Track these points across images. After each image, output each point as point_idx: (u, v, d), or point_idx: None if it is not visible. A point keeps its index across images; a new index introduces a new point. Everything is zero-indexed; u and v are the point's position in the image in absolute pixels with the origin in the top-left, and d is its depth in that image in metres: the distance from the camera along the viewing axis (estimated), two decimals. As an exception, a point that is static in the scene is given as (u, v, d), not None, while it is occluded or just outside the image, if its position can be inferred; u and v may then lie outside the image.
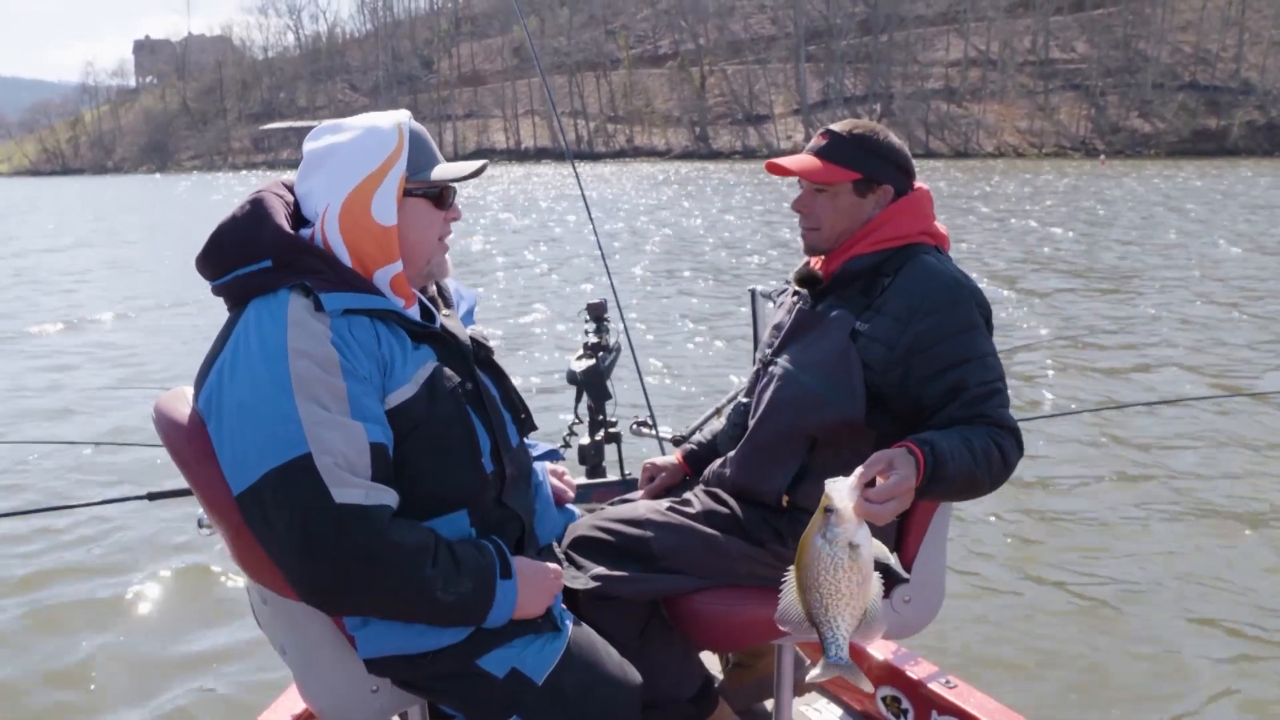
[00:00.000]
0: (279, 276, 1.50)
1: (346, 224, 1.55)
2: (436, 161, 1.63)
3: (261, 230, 1.53)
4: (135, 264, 17.84)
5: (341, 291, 1.51)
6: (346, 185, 1.54)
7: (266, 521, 1.41)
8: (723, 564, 1.93)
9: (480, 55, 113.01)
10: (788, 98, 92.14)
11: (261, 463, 1.40)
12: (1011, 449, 1.70)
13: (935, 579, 1.93)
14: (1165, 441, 6.02)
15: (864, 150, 1.91)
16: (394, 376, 1.52)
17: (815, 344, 1.90)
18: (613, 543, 1.93)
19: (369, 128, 1.58)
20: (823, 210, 1.93)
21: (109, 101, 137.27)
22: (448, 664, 1.56)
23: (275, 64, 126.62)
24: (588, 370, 3.03)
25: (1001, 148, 77.53)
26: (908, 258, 1.88)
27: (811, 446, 1.88)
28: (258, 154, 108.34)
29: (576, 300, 11.26)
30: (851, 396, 1.82)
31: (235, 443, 1.43)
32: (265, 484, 1.39)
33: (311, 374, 1.43)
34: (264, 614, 1.65)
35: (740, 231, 20.65)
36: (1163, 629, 3.77)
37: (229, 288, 1.54)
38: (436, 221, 1.64)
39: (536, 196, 34.34)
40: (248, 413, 1.42)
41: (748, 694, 2.30)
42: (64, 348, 10.06)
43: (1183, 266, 13.81)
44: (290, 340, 1.44)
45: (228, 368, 1.46)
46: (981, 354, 1.77)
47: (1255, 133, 72.11)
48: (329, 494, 1.39)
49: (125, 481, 5.67)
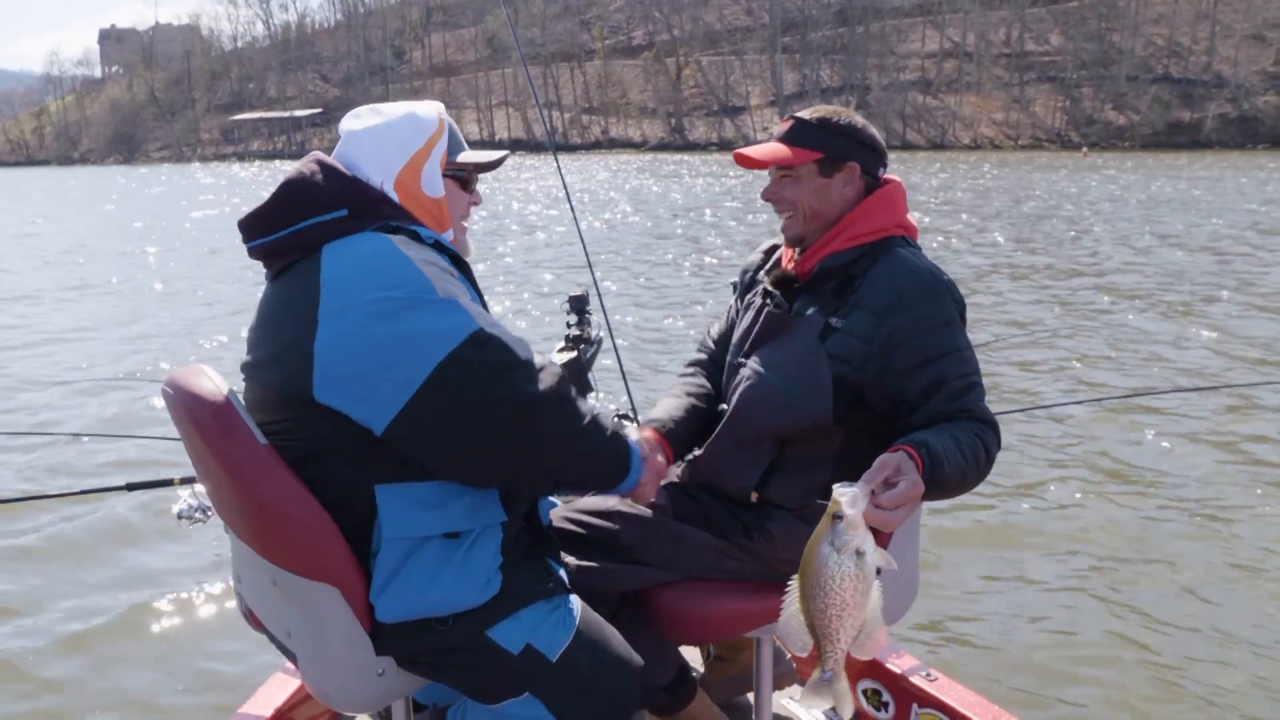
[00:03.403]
0: (358, 224, 1.54)
1: (402, 196, 1.63)
2: (464, 149, 1.75)
3: (337, 182, 1.58)
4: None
5: (427, 228, 1.62)
6: (399, 160, 1.63)
7: (462, 400, 1.45)
8: (690, 557, 1.96)
9: (452, 46, 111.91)
10: (764, 89, 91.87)
11: (438, 350, 1.44)
12: (993, 443, 1.72)
13: (909, 570, 1.95)
14: (1142, 435, 5.97)
15: (825, 131, 1.91)
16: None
17: (784, 346, 1.92)
18: (583, 534, 1.97)
19: (410, 112, 1.68)
20: (791, 195, 1.94)
21: (74, 92, 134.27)
22: (461, 632, 1.56)
23: (244, 54, 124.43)
24: (569, 362, 3.00)
25: (978, 140, 77.80)
26: (882, 252, 1.88)
27: (781, 444, 1.91)
28: (227, 145, 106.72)
29: (557, 293, 11.20)
30: (818, 398, 1.84)
31: (393, 349, 1.44)
32: (449, 364, 1.44)
33: (442, 275, 1.51)
34: (270, 597, 1.64)
35: (719, 223, 20.62)
36: (1143, 620, 3.77)
37: (295, 237, 1.54)
38: (462, 202, 1.74)
39: (513, 188, 34.35)
40: (400, 318, 1.44)
41: (728, 687, 2.34)
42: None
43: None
44: (410, 254, 1.49)
45: (347, 296, 1.46)
46: (959, 348, 1.78)
47: (1228, 125, 72.74)
48: (515, 352, 1.50)
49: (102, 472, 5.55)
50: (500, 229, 20.17)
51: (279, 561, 1.53)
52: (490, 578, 1.58)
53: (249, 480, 1.48)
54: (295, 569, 1.52)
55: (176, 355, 8.89)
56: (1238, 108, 73.59)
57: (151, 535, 4.81)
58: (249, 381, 1.60)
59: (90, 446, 6.05)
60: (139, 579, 4.38)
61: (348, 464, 1.52)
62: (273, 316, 1.56)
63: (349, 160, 1.63)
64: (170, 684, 3.53)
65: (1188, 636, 3.65)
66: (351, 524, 1.54)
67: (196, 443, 1.54)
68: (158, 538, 4.78)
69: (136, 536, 4.82)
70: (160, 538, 4.77)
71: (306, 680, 1.63)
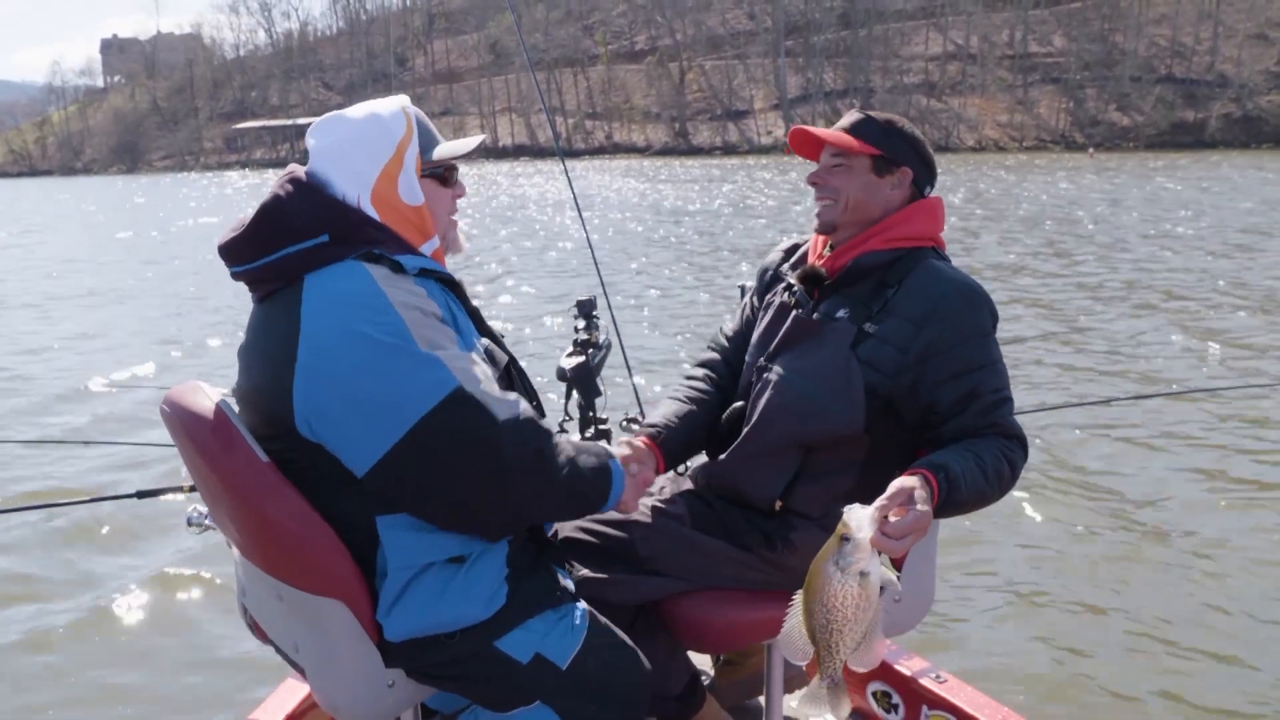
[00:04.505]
0: (338, 250, 1.49)
1: (382, 210, 1.56)
2: (438, 142, 1.68)
3: (314, 206, 1.51)
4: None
5: (411, 254, 1.57)
6: (372, 171, 1.56)
7: (436, 460, 1.43)
8: (708, 567, 1.92)
9: (455, 52, 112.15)
10: (767, 93, 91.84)
11: (416, 408, 1.41)
12: (1019, 459, 1.72)
13: (926, 578, 1.93)
14: (1159, 436, 5.88)
15: (889, 132, 1.90)
16: (461, 343, 1.55)
17: (814, 352, 1.87)
18: (598, 545, 1.92)
19: (372, 114, 1.59)
20: (839, 182, 1.91)
21: (76, 102, 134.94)
22: (470, 645, 1.55)
23: (247, 62, 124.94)
24: (577, 367, 2.98)
25: (983, 142, 77.71)
26: (916, 262, 1.85)
27: (806, 452, 1.87)
28: (230, 154, 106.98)
29: (565, 297, 11.21)
30: (850, 407, 1.80)
31: (371, 402, 1.41)
32: (427, 425, 1.41)
33: (423, 320, 1.46)
34: (276, 612, 1.62)
35: (726, 226, 20.58)
36: (1152, 624, 3.74)
37: (276, 266, 1.50)
38: (446, 199, 1.68)
39: (518, 193, 34.61)
40: (379, 370, 1.41)
41: (737, 691, 2.32)
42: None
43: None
44: (390, 296, 1.45)
45: (326, 340, 1.43)
46: (993, 361, 1.77)
47: (1232, 125, 72.59)
48: (492, 414, 1.45)
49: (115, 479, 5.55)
50: (507, 234, 20.21)
51: (284, 577, 1.52)
52: (496, 591, 1.57)
53: (251, 497, 1.47)
54: (300, 584, 1.51)
55: (177, 359, 8.87)
56: (1241, 107, 73.43)
57: (159, 540, 4.82)
58: (241, 404, 1.57)
59: (100, 453, 6.04)
60: (148, 584, 4.37)
61: (346, 492, 1.50)
62: (258, 344, 1.53)
63: (321, 178, 1.56)
64: (181, 689, 3.53)
65: (1199, 641, 3.61)
66: (355, 545, 1.53)
67: (197, 461, 1.52)
68: (165, 542, 4.79)
69: (145, 542, 4.83)
70: (168, 543, 4.77)
71: (316, 694, 1.61)
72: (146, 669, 3.69)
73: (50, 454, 6.17)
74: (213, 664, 3.69)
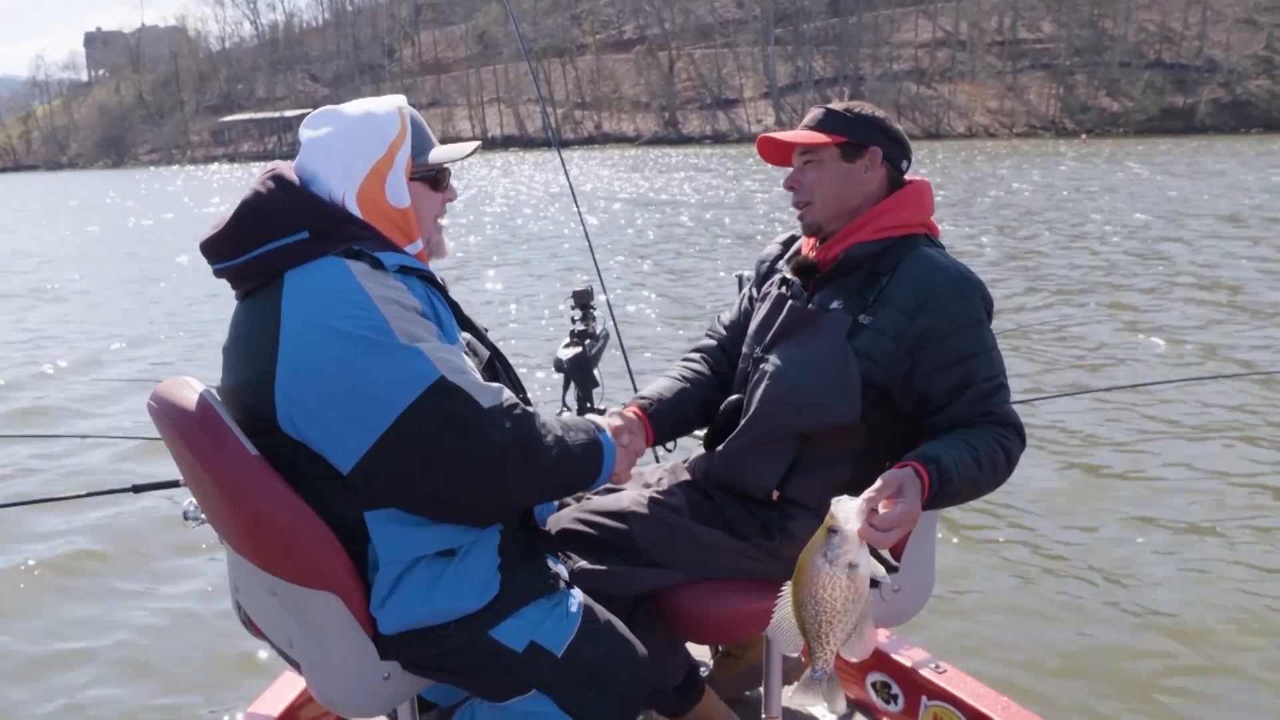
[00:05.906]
0: (319, 246, 1.49)
1: (366, 209, 1.57)
2: (433, 145, 1.67)
3: (295, 202, 1.52)
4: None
5: (393, 251, 1.57)
6: (361, 169, 1.56)
7: (422, 451, 1.43)
8: (707, 558, 1.92)
9: (443, 43, 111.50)
10: (757, 81, 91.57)
11: (400, 400, 1.41)
12: (1015, 447, 1.72)
13: (924, 568, 1.93)
14: (1158, 426, 5.85)
15: (849, 116, 1.92)
16: (443, 337, 1.55)
17: (809, 342, 1.88)
18: (596, 536, 1.92)
19: (368, 112, 1.59)
20: (811, 180, 1.93)
21: (61, 96, 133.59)
22: (465, 635, 1.55)
23: (232, 55, 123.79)
24: (575, 358, 2.99)
25: (973, 128, 77.61)
26: (908, 249, 1.86)
27: (802, 442, 1.88)
28: (217, 147, 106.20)
29: (562, 288, 11.29)
30: (847, 398, 1.81)
31: (354, 396, 1.41)
32: (411, 416, 1.41)
33: (403, 314, 1.46)
34: (269, 607, 1.62)
35: (720, 216, 20.50)
36: (1153, 615, 3.74)
37: (256, 263, 1.50)
38: (435, 202, 1.67)
39: (509, 184, 34.33)
40: (360, 364, 1.41)
41: (736, 683, 2.32)
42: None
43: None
44: (369, 291, 1.44)
45: (306, 336, 1.43)
46: (987, 348, 1.77)
47: (1221, 110, 72.65)
48: (477, 402, 1.45)
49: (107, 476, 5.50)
50: (501, 226, 20.09)
51: (276, 571, 1.52)
52: (489, 581, 1.58)
53: (242, 492, 1.46)
54: (293, 578, 1.50)
55: (175, 356, 8.81)
56: (1230, 92, 73.45)
57: (155, 535, 4.81)
58: (226, 402, 1.57)
59: (94, 447, 6.02)
60: (145, 579, 4.37)
61: (333, 488, 1.50)
62: (241, 341, 1.53)
63: (309, 172, 1.57)
64: (177, 685, 3.54)
65: (1202, 630, 3.62)
66: (345, 540, 1.53)
67: (187, 456, 1.52)
68: (161, 537, 4.77)
69: (141, 537, 4.81)
70: (164, 537, 4.75)
71: (312, 688, 1.62)
72: (143, 666, 3.67)
73: (47, 448, 6.11)
74: (208, 660, 3.66)
